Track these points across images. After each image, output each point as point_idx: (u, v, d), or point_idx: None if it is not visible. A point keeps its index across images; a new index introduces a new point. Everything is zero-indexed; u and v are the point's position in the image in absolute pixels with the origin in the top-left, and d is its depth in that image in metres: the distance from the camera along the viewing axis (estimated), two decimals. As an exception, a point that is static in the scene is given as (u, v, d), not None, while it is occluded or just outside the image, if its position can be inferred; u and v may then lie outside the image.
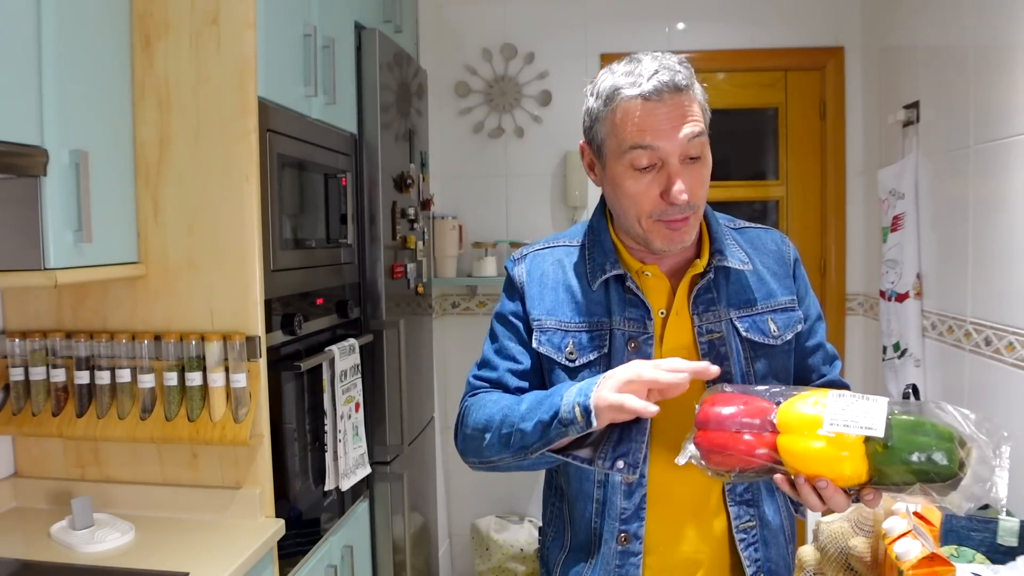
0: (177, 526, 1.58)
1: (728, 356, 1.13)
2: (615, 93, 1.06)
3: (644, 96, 1.04)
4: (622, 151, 1.06)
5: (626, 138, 1.05)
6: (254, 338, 1.57)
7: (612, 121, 1.07)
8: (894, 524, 1.21)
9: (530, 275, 1.21)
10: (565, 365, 1.14)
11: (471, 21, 3.09)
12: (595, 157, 1.14)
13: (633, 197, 1.08)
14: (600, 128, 1.09)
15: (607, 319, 1.14)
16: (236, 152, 1.55)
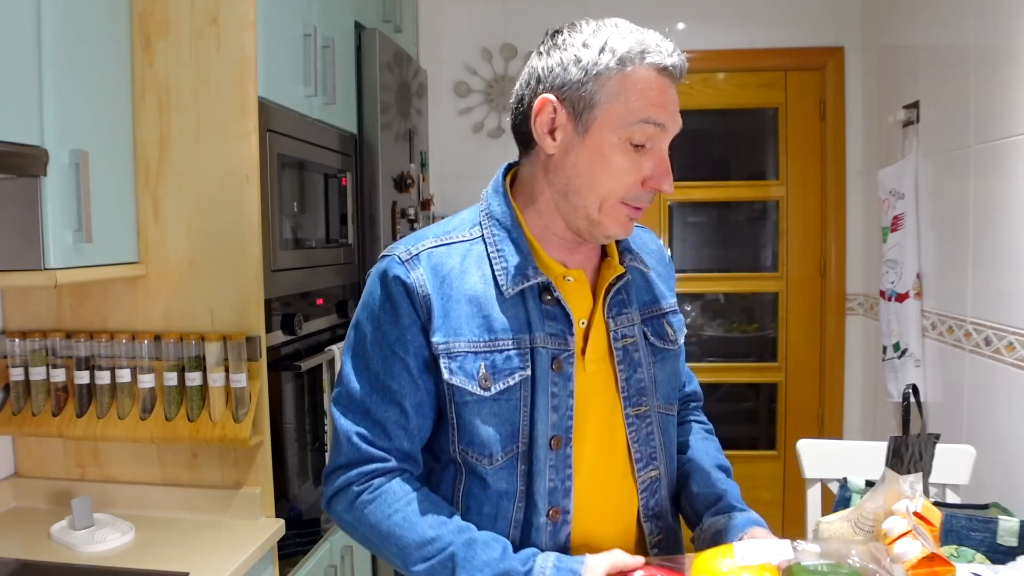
0: (177, 526, 1.58)
1: (640, 363, 1.04)
2: (640, 55, 0.93)
3: (667, 69, 0.94)
4: (627, 121, 0.92)
5: (639, 108, 0.92)
6: (254, 338, 1.57)
7: (624, 85, 0.92)
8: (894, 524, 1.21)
9: (433, 283, 0.97)
10: (478, 396, 0.95)
11: (471, 21, 3.09)
12: (572, 119, 0.94)
13: (616, 174, 0.94)
14: (599, 88, 0.92)
15: (526, 334, 0.96)
16: (236, 152, 1.55)
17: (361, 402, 0.97)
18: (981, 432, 2.00)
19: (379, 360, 0.97)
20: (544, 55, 0.99)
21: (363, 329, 0.99)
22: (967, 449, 1.83)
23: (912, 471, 1.27)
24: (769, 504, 3.11)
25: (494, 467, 0.97)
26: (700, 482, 1.14)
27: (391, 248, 1.01)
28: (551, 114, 0.96)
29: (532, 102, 0.97)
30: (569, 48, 0.96)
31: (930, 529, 1.22)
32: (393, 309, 0.97)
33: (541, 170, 1.00)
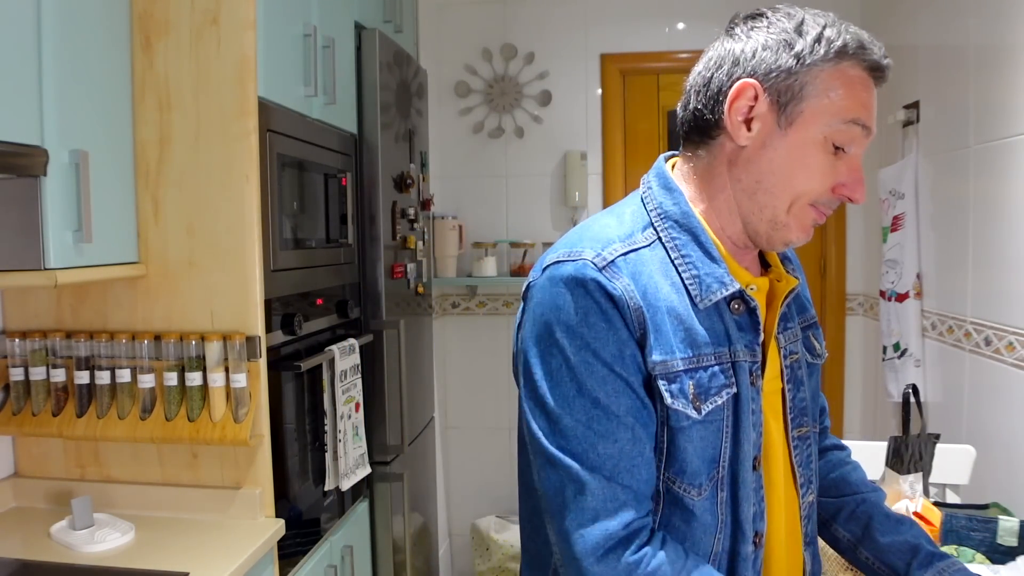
0: (177, 526, 1.58)
1: (803, 380, 0.98)
2: (858, 50, 0.86)
3: (881, 70, 0.87)
4: (836, 119, 0.84)
5: (850, 107, 0.84)
6: (254, 338, 1.57)
7: (837, 80, 0.85)
8: (894, 524, 1.21)
9: (640, 294, 0.84)
10: (692, 419, 0.85)
11: (471, 21, 3.09)
12: (774, 109, 0.85)
13: (814, 175, 0.86)
14: (811, 80, 0.84)
15: (726, 348, 0.88)
16: (236, 152, 1.55)
17: (586, 437, 0.82)
18: (981, 432, 2.00)
19: (595, 382, 0.82)
20: (742, 38, 0.88)
21: (560, 349, 0.83)
22: (967, 449, 1.83)
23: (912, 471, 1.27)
24: (769, 504, 3.11)
25: (702, 497, 0.87)
26: (884, 529, 1.05)
27: (568, 253, 0.86)
28: (751, 102, 0.86)
29: (726, 87, 0.87)
30: (778, 32, 0.86)
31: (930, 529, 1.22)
32: (604, 321, 0.83)
33: (725, 164, 0.90)
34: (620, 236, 0.88)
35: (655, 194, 0.93)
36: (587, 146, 3.06)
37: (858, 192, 0.87)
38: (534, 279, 0.90)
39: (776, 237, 0.90)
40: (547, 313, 0.85)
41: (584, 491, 0.82)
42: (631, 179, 3.09)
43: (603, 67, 3.05)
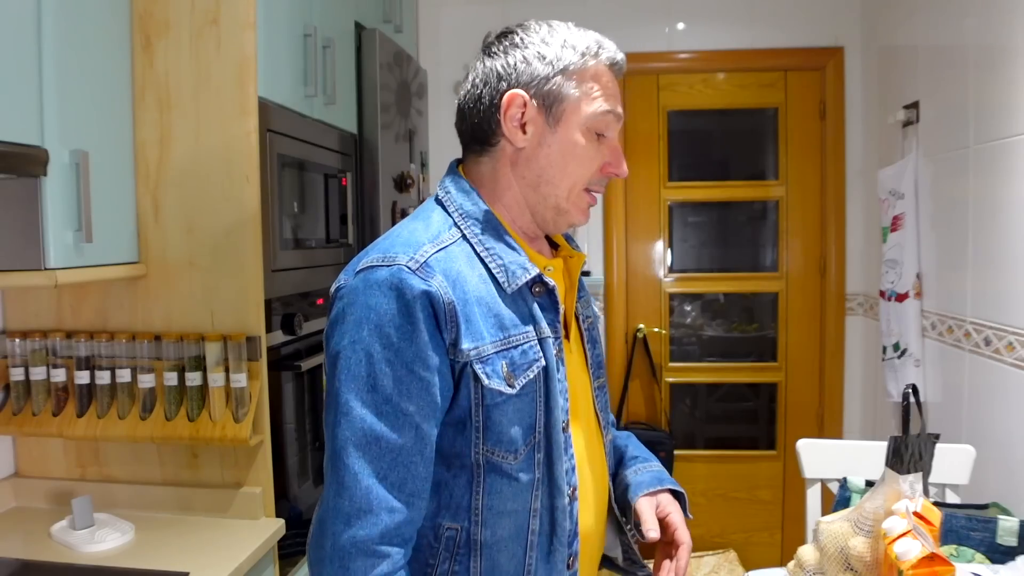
0: (177, 526, 1.58)
1: (597, 339, 1.15)
2: (597, 51, 1.00)
3: (618, 64, 1.02)
4: (593, 113, 0.98)
5: (602, 100, 0.99)
6: (254, 338, 1.57)
7: (586, 78, 0.98)
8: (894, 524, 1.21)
9: (451, 290, 0.92)
10: (507, 395, 0.94)
11: (471, 21, 3.09)
12: (542, 112, 0.98)
13: (584, 162, 1.00)
14: (566, 81, 0.98)
15: (531, 326, 0.98)
16: (236, 152, 1.56)
17: (372, 433, 0.89)
18: (981, 432, 2.00)
19: (391, 381, 0.89)
20: (500, 55, 1.03)
21: (366, 348, 0.89)
22: (967, 449, 1.83)
23: (912, 471, 1.27)
24: (769, 504, 3.11)
25: (518, 461, 0.97)
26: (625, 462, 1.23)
27: (382, 258, 0.92)
28: (521, 108, 0.99)
29: (495, 99, 1.00)
30: (530, 46, 1.00)
31: (930, 529, 1.22)
32: (409, 323, 0.89)
33: (508, 165, 1.02)
34: (429, 238, 0.96)
35: (454, 197, 1.03)
36: (587, 146, 3.06)
37: (621, 167, 1.03)
38: (345, 282, 0.95)
39: (561, 221, 1.04)
40: (358, 312, 0.90)
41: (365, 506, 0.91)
42: (631, 179, 3.09)
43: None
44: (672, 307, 3.15)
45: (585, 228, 3.08)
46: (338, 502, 0.94)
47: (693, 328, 3.20)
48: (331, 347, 0.93)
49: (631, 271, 3.12)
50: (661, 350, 3.12)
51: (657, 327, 3.12)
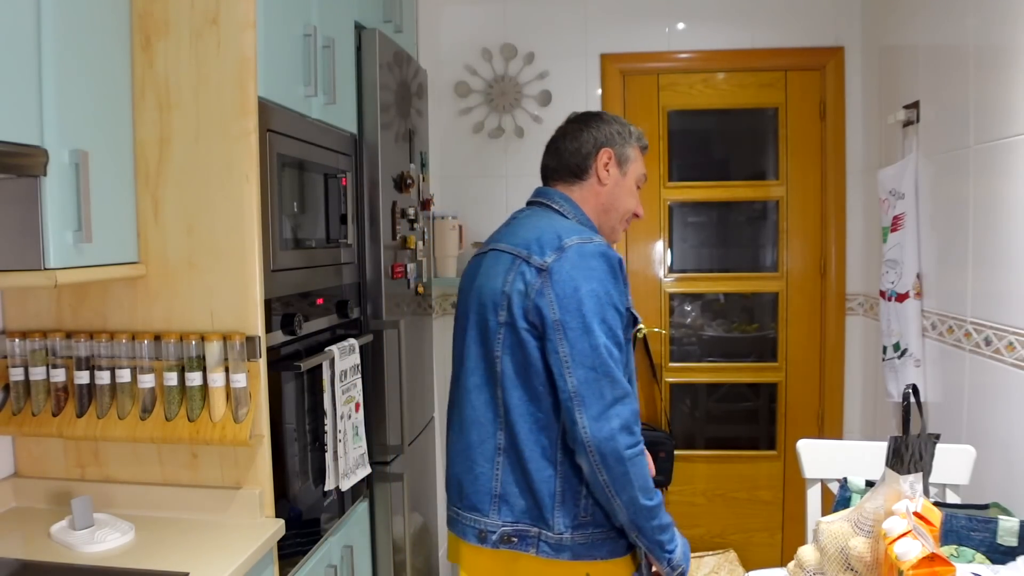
0: (177, 526, 1.58)
1: None
2: (642, 139, 1.64)
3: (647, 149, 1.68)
4: (639, 173, 1.62)
5: (641, 167, 1.64)
6: (254, 338, 1.57)
7: (637, 153, 1.62)
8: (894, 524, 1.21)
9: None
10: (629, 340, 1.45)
11: (471, 21, 3.09)
12: (617, 166, 1.58)
13: (631, 201, 1.62)
14: (630, 152, 1.60)
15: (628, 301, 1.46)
16: (236, 152, 1.55)
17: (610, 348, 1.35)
18: (981, 432, 2.00)
19: (612, 314, 1.37)
20: (595, 127, 1.61)
21: (595, 294, 1.36)
22: (967, 449, 1.83)
23: (912, 471, 1.27)
24: (769, 504, 3.11)
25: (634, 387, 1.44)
26: None
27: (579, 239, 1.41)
28: (607, 161, 1.58)
29: (593, 152, 1.58)
30: (613, 123, 1.62)
31: (930, 529, 1.22)
32: (613, 278, 1.40)
33: (592, 194, 1.59)
34: (588, 230, 1.50)
35: (570, 210, 1.56)
36: (587, 146, 3.06)
37: (640, 211, 1.65)
38: (557, 256, 1.39)
39: (614, 237, 1.63)
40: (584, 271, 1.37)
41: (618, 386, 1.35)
42: (631, 179, 3.09)
43: (603, 67, 3.05)
44: (672, 307, 3.14)
45: (585, 228, 3.08)
46: (613, 390, 1.34)
47: (693, 328, 3.20)
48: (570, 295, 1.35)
49: (631, 271, 3.12)
50: (661, 350, 3.12)
51: (657, 327, 3.12)
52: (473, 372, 1.46)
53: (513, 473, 1.40)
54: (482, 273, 1.50)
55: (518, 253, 1.42)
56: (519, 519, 1.39)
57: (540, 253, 1.38)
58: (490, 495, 1.41)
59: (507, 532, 1.39)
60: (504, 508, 1.39)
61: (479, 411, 1.44)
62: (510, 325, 1.38)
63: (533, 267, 1.38)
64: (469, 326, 1.49)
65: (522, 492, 1.39)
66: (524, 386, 1.39)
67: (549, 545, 1.37)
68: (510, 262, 1.42)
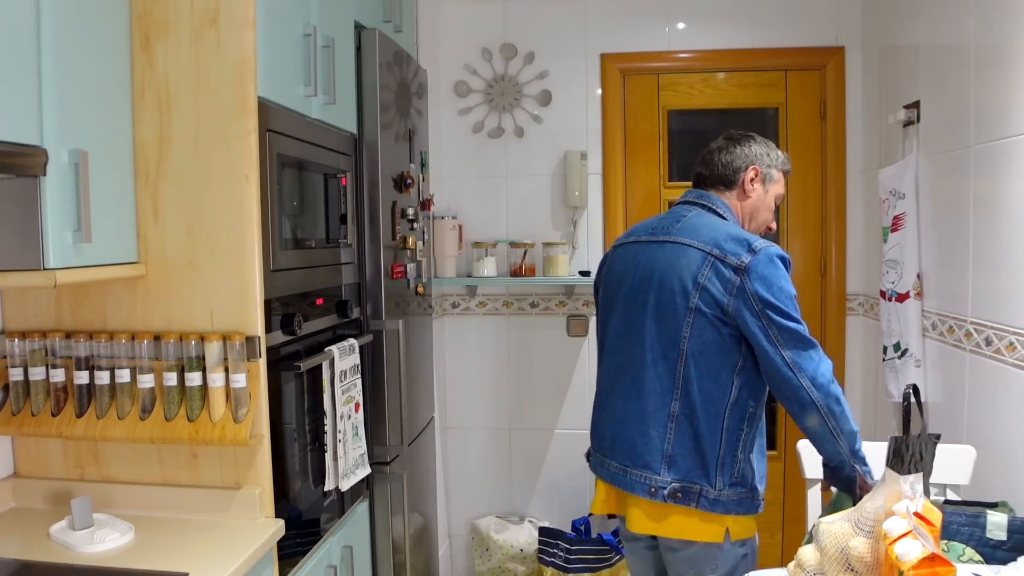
0: (177, 526, 1.58)
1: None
2: (786, 164, 1.87)
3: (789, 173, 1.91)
4: (777, 192, 1.86)
5: (781, 188, 1.87)
6: (254, 338, 1.57)
7: (780, 175, 1.85)
8: (894, 524, 1.21)
9: None
10: None
11: (471, 21, 3.09)
12: (761, 182, 1.82)
13: (768, 214, 1.86)
14: (774, 173, 1.84)
15: None
16: (236, 152, 1.55)
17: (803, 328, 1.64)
18: (981, 432, 2.00)
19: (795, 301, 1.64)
20: (746, 145, 1.83)
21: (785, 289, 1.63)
22: (967, 449, 1.83)
23: (912, 471, 1.27)
24: (769, 504, 3.08)
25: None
26: None
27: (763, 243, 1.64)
28: (753, 177, 1.81)
29: (744, 167, 1.81)
30: (763, 145, 1.84)
31: (930, 529, 1.22)
32: (788, 275, 1.65)
33: (739, 202, 1.83)
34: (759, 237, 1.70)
35: (727, 214, 1.79)
36: (587, 146, 3.06)
37: (774, 225, 1.90)
38: (749, 259, 1.61)
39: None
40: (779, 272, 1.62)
41: (818, 350, 1.63)
42: (631, 179, 3.09)
43: (603, 67, 3.05)
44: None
45: (585, 227, 3.08)
46: (817, 354, 1.62)
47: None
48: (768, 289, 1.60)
49: (631, 271, 3.12)
50: (661, 350, 3.12)
51: (657, 327, 3.11)
52: (652, 348, 1.68)
53: (683, 437, 1.63)
54: (663, 261, 1.70)
55: (710, 251, 1.64)
56: (685, 476, 1.63)
57: (735, 254, 1.62)
58: (662, 455, 1.64)
59: (675, 488, 1.62)
60: (672, 468, 1.63)
61: (656, 382, 1.67)
62: (700, 312, 1.62)
63: (729, 266, 1.61)
64: (646, 307, 1.70)
65: (689, 453, 1.63)
66: (705, 364, 1.63)
67: (708, 500, 1.62)
68: (702, 259, 1.64)
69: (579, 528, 3.01)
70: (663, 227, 1.78)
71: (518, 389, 3.18)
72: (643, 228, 1.85)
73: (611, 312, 1.83)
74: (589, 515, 1.68)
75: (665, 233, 1.75)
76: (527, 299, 3.15)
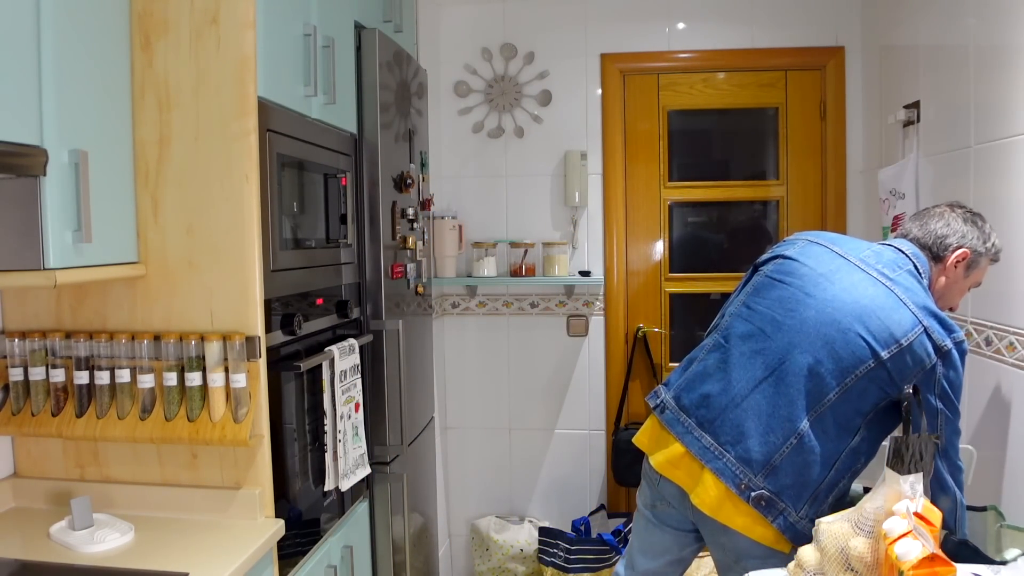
0: (177, 526, 1.58)
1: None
2: (997, 254, 1.75)
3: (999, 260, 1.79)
4: (978, 281, 1.78)
5: (982, 276, 1.78)
6: (254, 338, 1.57)
7: (986, 263, 1.76)
8: (894, 524, 1.21)
9: None
10: None
11: (471, 21, 3.09)
12: (965, 266, 1.72)
13: (959, 297, 1.79)
14: (983, 260, 1.74)
15: None
16: (236, 152, 1.55)
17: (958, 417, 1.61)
18: (982, 432, 2.00)
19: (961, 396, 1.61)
20: (968, 224, 1.73)
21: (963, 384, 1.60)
22: (967, 449, 1.82)
23: (912, 471, 1.27)
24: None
25: None
26: None
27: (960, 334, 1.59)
28: (961, 260, 1.71)
29: (953, 245, 1.71)
30: (983, 230, 1.73)
31: (930, 529, 1.22)
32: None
33: (938, 275, 1.73)
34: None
35: (924, 281, 1.68)
36: (587, 146, 3.06)
37: (957, 307, 1.85)
38: (952, 346, 1.57)
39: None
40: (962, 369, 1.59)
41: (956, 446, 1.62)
42: (631, 179, 3.09)
43: (603, 67, 3.05)
44: (672, 307, 3.14)
45: (585, 227, 3.08)
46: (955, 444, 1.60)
47: (693, 328, 3.20)
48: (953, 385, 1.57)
49: (631, 271, 3.12)
50: (661, 350, 3.12)
51: (657, 327, 3.12)
52: (818, 363, 1.60)
53: (796, 456, 1.59)
54: (867, 295, 1.61)
55: (921, 319, 1.57)
56: (779, 491, 1.59)
57: (940, 335, 1.56)
58: (768, 462, 1.60)
59: (764, 495, 1.59)
60: (771, 477, 1.59)
61: (803, 396, 1.60)
62: (884, 366, 1.56)
63: (933, 343, 1.56)
64: (833, 327, 1.60)
65: (793, 472, 1.59)
66: (851, 405, 1.58)
67: (786, 521, 1.59)
68: (913, 323, 1.56)
69: (579, 528, 3.01)
70: (876, 263, 1.67)
71: (518, 389, 3.18)
72: (852, 247, 1.72)
73: (782, 298, 1.69)
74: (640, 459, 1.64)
75: (879, 273, 1.64)
76: (527, 299, 3.15)
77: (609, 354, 3.12)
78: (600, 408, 3.15)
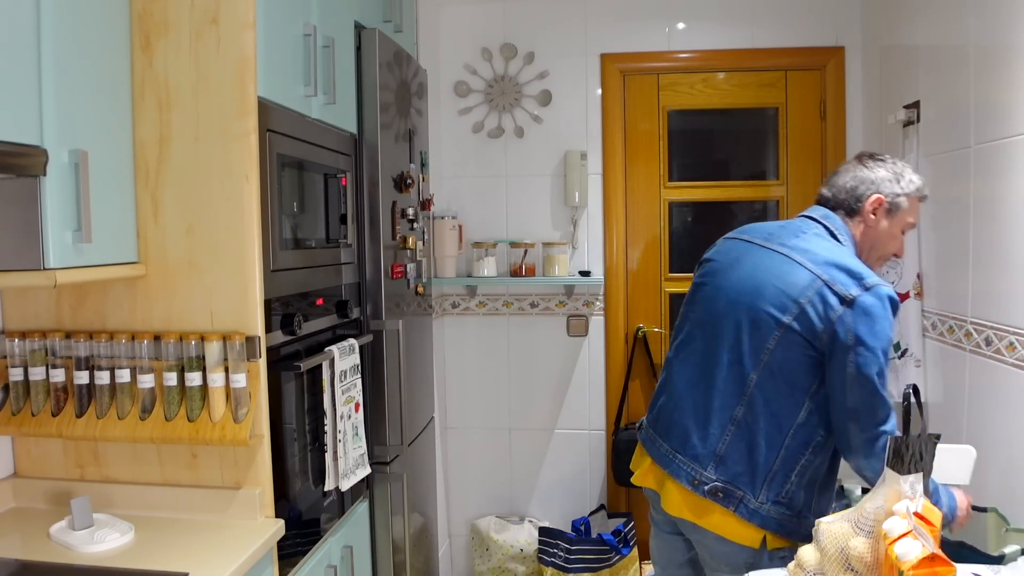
0: (177, 526, 1.58)
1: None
2: (922, 190, 1.72)
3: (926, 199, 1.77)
4: (907, 222, 1.72)
5: (912, 217, 1.73)
6: (254, 338, 1.57)
7: (912, 203, 1.71)
8: (894, 524, 1.21)
9: None
10: None
11: (471, 21, 3.09)
12: (885, 213, 1.70)
13: (892, 245, 1.74)
14: (903, 201, 1.69)
15: None
16: (236, 152, 1.55)
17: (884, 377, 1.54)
18: (981, 432, 2.00)
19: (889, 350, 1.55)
20: (874, 168, 1.72)
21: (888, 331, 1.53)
22: (967, 449, 1.83)
23: (912, 471, 1.27)
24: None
25: None
26: None
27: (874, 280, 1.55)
28: (876, 207, 1.70)
29: (867, 195, 1.70)
30: (894, 172, 1.71)
31: (930, 529, 1.22)
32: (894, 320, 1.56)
33: (859, 231, 1.72)
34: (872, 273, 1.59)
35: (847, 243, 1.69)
36: (587, 146, 3.06)
37: (901, 253, 1.78)
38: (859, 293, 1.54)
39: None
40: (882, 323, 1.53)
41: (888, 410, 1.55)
42: (631, 179, 3.09)
43: (603, 67, 3.05)
44: (672, 307, 3.14)
45: (585, 227, 3.08)
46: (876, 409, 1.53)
47: (693, 328, 3.20)
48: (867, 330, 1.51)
49: (631, 271, 3.12)
50: (661, 350, 3.12)
51: (657, 327, 3.12)
52: (732, 349, 1.64)
53: (739, 442, 1.61)
54: (763, 268, 1.66)
55: (819, 274, 1.57)
56: (732, 480, 1.60)
57: (844, 284, 1.54)
58: (713, 454, 1.62)
59: (718, 487, 1.61)
60: (721, 467, 1.61)
61: (728, 383, 1.63)
62: (791, 330, 1.57)
63: (836, 294, 1.54)
64: (739, 310, 1.65)
65: (741, 459, 1.61)
66: (780, 379, 1.59)
67: (747, 508, 1.60)
68: (809, 280, 1.57)
69: (579, 528, 3.01)
70: (779, 236, 1.71)
71: (518, 389, 3.18)
72: (760, 231, 1.78)
73: (702, 299, 1.78)
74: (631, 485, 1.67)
75: (779, 244, 1.69)
76: (527, 299, 3.15)
77: (609, 354, 3.12)
78: (600, 408, 3.15)
